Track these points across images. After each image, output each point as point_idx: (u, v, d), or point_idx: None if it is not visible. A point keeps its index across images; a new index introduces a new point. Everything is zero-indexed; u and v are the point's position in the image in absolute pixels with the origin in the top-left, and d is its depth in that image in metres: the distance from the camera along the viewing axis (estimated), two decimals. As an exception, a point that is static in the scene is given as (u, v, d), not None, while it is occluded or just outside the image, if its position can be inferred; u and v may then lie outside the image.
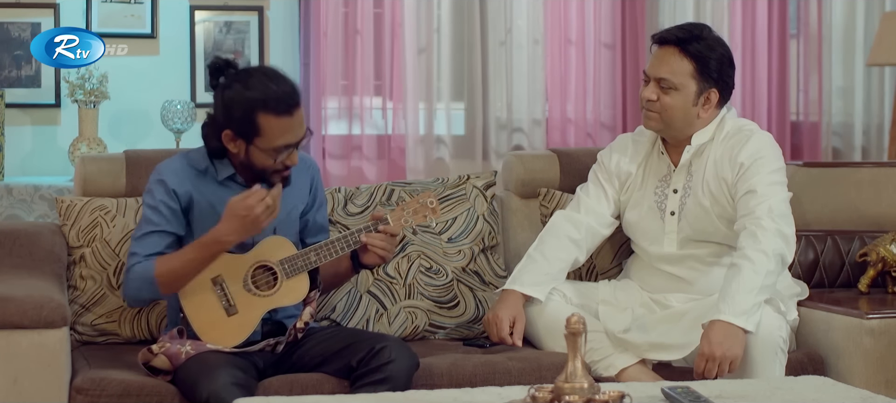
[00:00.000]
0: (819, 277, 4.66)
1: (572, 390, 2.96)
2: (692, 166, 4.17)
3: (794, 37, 6.76)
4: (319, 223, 4.09)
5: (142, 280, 3.80)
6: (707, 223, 4.13)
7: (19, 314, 3.60)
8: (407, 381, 3.72)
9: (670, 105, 4.10)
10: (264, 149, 3.76)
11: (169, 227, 3.85)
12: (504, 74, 6.41)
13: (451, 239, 4.44)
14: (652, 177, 4.25)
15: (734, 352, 3.79)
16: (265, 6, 6.15)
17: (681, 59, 4.09)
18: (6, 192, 5.50)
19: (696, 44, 4.09)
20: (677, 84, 4.08)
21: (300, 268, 3.82)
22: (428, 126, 6.31)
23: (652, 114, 4.14)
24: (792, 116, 6.73)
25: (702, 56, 4.08)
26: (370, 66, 6.23)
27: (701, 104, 4.11)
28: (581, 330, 2.96)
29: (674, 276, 4.20)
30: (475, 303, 4.37)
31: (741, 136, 4.12)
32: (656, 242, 4.21)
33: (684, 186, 4.17)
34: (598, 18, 6.46)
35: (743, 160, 4.06)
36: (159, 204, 3.86)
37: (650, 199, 4.22)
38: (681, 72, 4.09)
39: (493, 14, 6.38)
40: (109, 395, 3.65)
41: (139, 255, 3.82)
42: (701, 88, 4.09)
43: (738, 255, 3.94)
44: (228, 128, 3.78)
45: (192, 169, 3.91)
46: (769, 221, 3.96)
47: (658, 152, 4.25)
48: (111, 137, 5.89)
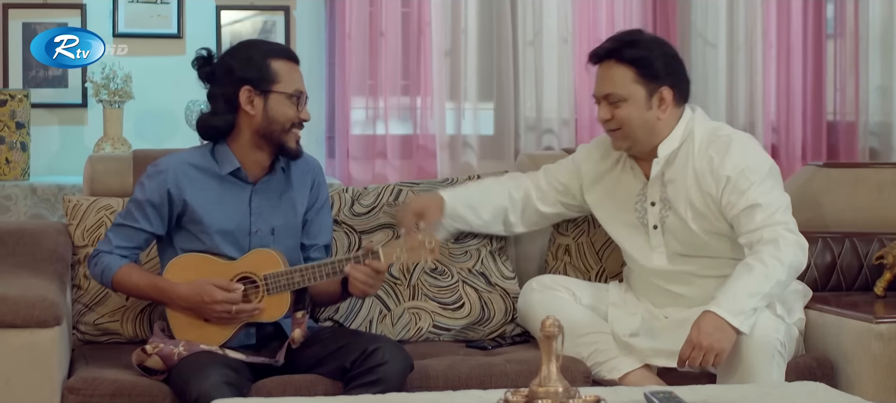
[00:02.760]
0: (836, 280, 4.58)
1: (546, 394, 2.92)
2: (665, 176, 4.04)
3: (830, 37, 6.66)
4: (320, 225, 4.06)
5: (102, 274, 3.90)
6: (693, 237, 4.03)
7: (11, 313, 3.62)
8: (400, 383, 3.70)
9: (625, 117, 3.97)
10: (284, 93, 3.84)
11: (146, 226, 3.90)
12: (533, 74, 6.36)
13: (458, 239, 4.40)
14: (626, 191, 4.13)
15: (721, 346, 3.73)
16: (292, 6, 6.15)
17: (619, 68, 3.96)
18: (30, 192, 5.54)
19: (629, 50, 3.97)
20: (624, 94, 3.95)
21: (282, 287, 3.81)
22: (455, 127, 6.28)
23: (614, 132, 4.02)
24: (828, 116, 6.63)
25: (639, 58, 3.95)
26: (396, 66, 6.20)
27: (656, 105, 3.97)
28: (555, 334, 2.93)
29: (669, 291, 4.12)
30: (480, 305, 4.33)
31: (719, 145, 3.99)
32: (646, 258, 4.12)
33: (661, 198, 4.05)
34: (628, 17, 6.39)
35: (728, 173, 3.93)
36: (145, 203, 3.89)
37: (631, 215, 4.12)
38: (623, 81, 3.96)
39: (523, 13, 6.33)
40: (102, 395, 3.65)
41: (111, 244, 3.90)
42: (650, 90, 3.96)
43: (754, 256, 3.84)
44: (247, 84, 3.84)
45: (193, 166, 3.92)
46: (787, 232, 3.87)
47: (629, 167, 4.13)
48: (137, 137, 5.91)
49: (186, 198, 3.86)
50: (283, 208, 3.95)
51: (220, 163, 3.91)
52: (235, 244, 3.89)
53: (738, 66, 6.46)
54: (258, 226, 3.91)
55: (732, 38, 6.47)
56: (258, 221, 3.91)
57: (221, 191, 3.90)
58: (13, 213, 5.50)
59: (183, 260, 3.87)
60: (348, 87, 6.13)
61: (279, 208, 3.95)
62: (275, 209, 3.94)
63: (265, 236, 3.92)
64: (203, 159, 3.93)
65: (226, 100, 3.88)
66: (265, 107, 3.85)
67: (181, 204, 3.87)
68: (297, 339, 3.83)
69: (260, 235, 3.91)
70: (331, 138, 6.18)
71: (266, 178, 3.94)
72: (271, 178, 3.95)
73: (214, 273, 3.81)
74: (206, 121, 3.93)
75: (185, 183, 3.88)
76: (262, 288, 3.80)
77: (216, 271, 3.82)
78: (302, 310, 3.89)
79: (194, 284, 3.79)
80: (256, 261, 3.83)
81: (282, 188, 3.97)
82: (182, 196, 3.86)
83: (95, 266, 3.91)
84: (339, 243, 4.31)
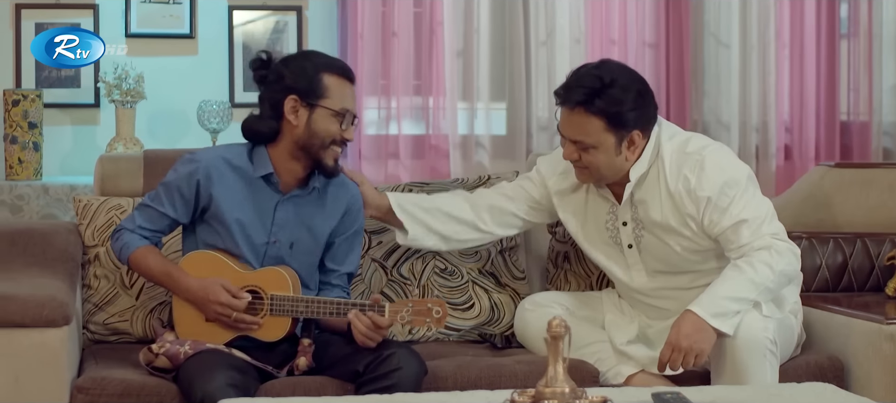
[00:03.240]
0: (847, 280, 4.58)
1: (553, 394, 2.92)
2: (635, 197, 3.99)
3: (844, 37, 6.63)
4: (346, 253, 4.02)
5: (120, 251, 3.92)
6: (672, 256, 3.98)
7: (21, 313, 3.63)
8: (415, 389, 3.67)
9: (593, 161, 3.90)
10: (330, 110, 3.81)
11: (170, 212, 3.90)
12: (545, 74, 6.35)
13: (468, 240, 4.39)
14: (596, 212, 4.09)
15: (700, 347, 3.71)
16: (304, 6, 6.14)
17: (589, 119, 3.85)
18: (43, 192, 5.54)
19: (598, 100, 3.84)
20: (594, 143, 3.87)
21: (286, 312, 3.80)
22: (468, 127, 6.27)
23: (580, 170, 3.96)
24: (842, 116, 6.60)
25: (609, 111, 3.84)
26: (408, 65, 6.19)
27: (625, 148, 3.90)
28: (562, 334, 2.92)
29: (655, 307, 4.09)
30: (490, 305, 4.33)
31: (692, 163, 3.90)
32: (626, 275, 4.08)
33: (633, 218, 4.00)
34: (640, 18, 6.37)
35: (708, 194, 3.86)
36: (174, 190, 3.90)
37: (604, 235, 4.08)
38: (593, 130, 3.86)
39: (535, 14, 6.32)
40: (110, 394, 3.66)
41: (135, 224, 3.92)
42: (619, 137, 3.87)
43: (745, 260, 3.80)
44: (294, 93, 3.82)
45: (227, 163, 3.91)
46: (778, 240, 3.83)
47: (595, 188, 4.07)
48: (149, 137, 5.91)
49: (213, 192, 3.86)
50: (306, 226, 3.93)
51: (255, 165, 3.90)
52: (252, 248, 3.88)
53: (751, 66, 6.43)
54: (277, 237, 3.90)
55: (745, 37, 6.45)
56: (278, 232, 3.90)
57: (249, 193, 3.89)
58: (26, 213, 5.51)
59: (199, 256, 3.88)
60: (361, 87, 6.12)
61: (302, 225, 3.93)
62: (298, 225, 3.92)
63: (283, 248, 3.90)
64: (239, 158, 3.92)
65: (272, 105, 3.87)
66: (309, 120, 3.83)
67: (207, 198, 3.87)
68: (302, 367, 3.83)
69: (278, 246, 3.90)
70: (343, 138, 6.17)
71: (297, 192, 3.92)
72: (302, 194, 3.93)
73: (226, 277, 3.82)
74: (251, 124, 3.93)
75: (215, 177, 3.88)
76: (266, 306, 3.80)
77: (228, 276, 3.82)
78: (308, 339, 3.87)
79: (205, 280, 3.80)
80: (268, 279, 3.82)
81: (311, 207, 3.94)
82: (210, 189, 3.86)
83: (116, 240, 3.92)
84: (349, 243, 4.31)
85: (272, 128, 3.87)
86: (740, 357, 3.73)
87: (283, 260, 3.89)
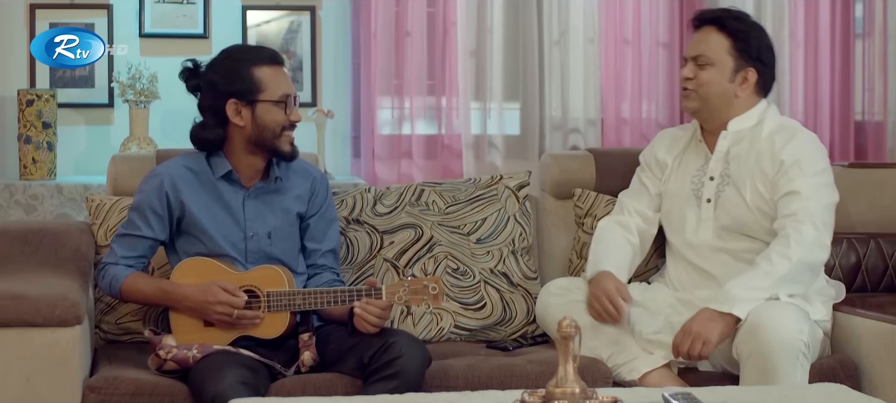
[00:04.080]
0: (861, 281, 4.55)
1: (563, 394, 2.92)
2: (730, 154, 4.14)
3: (858, 36, 6.61)
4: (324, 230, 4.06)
5: (110, 286, 3.93)
6: (745, 214, 4.09)
7: (32, 312, 3.63)
8: (418, 376, 3.69)
9: (707, 81, 4.11)
10: (271, 101, 3.85)
11: (149, 233, 3.93)
12: (559, 74, 6.34)
13: (480, 239, 4.39)
14: (689, 166, 4.23)
15: (707, 335, 3.84)
16: (317, 6, 6.14)
17: (717, 35, 4.12)
18: (57, 191, 5.55)
19: (734, 22, 4.13)
20: (713, 58, 4.10)
21: (283, 307, 3.81)
22: (481, 126, 6.27)
23: (689, 92, 4.14)
24: (856, 116, 6.59)
25: (740, 33, 4.13)
26: (422, 65, 6.19)
27: (738, 82, 4.11)
28: (573, 334, 2.92)
29: (703, 271, 4.14)
30: (502, 305, 4.33)
31: (785, 134, 4.10)
32: (691, 230, 4.17)
33: (722, 174, 4.14)
34: (654, 17, 6.36)
35: (784, 158, 4.04)
36: (146, 209, 3.93)
37: (686, 187, 4.20)
38: (717, 47, 4.11)
39: (548, 13, 6.31)
40: (122, 394, 3.67)
41: (117, 256, 3.93)
42: (738, 65, 4.11)
43: (763, 255, 3.95)
44: (232, 97, 3.86)
45: (189, 170, 3.96)
46: (811, 228, 3.94)
47: (696, 140, 4.23)
48: (163, 137, 5.92)
49: (183, 200, 3.91)
50: (277, 212, 3.97)
51: (214, 168, 3.94)
52: (234, 247, 3.91)
53: (766, 66, 6.42)
54: (254, 230, 3.95)
55: (760, 37, 6.43)
56: (254, 225, 3.94)
57: (216, 195, 3.94)
58: (39, 213, 5.52)
59: (191, 264, 3.90)
60: (374, 87, 6.12)
61: (274, 212, 3.97)
62: (270, 213, 3.96)
63: (262, 240, 3.94)
64: (198, 163, 3.97)
65: (214, 112, 3.91)
66: (253, 117, 3.87)
67: (180, 207, 3.91)
68: (307, 362, 3.83)
69: (257, 239, 3.94)
70: (356, 138, 6.17)
71: (260, 184, 3.97)
72: (265, 185, 3.98)
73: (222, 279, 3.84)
74: (198, 134, 3.97)
75: (181, 185, 3.92)
76: (263, 304, 3.80)
77: (222, 278, 3.84)
78: (307, 332, 3.88)
79: (200, 284, 3.82)
80: (262, 277, 3.84)
81: (277, 195, 3.99)
82: (179, 198, 3.90)
83: (103, 278, 3.94)
84: (361, 243, 4.32)
85: (219, 134, 3.93)
86: (775, 358, 3.74)
87: (266, 252, 3.93)
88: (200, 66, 3.96)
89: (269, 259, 3.94)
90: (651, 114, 6.42)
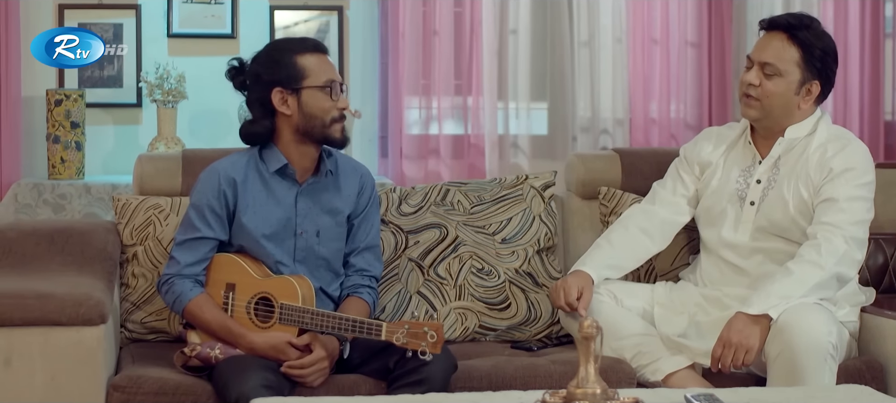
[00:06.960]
0: (888, 282, 4.53)
1: (584, 395, 2.90)
2: (780, 160, 4.10)
3: (888, 36, 6.58)
4: (367, 230, 4.06)
5: (174, 303, 3.89)
6: (785, 217, 4.05)
7: (58, 311, 3.65)
8: (444, 383, 3.68)
9: (772, 91, 4.04)
10: (316, 87, 3.85)
11: (211, 233, 3.90)
12: (588, 74, 6.34)
13: (505, 239, 4.39)
14: (734, 166, 4.19)
15: (750, 343, 3.78)
16: (345, 6, 6.16)
17: (788, 45, 4.03)
18: (85, 191, 5.59)
19: (804, 31, 4.03)
20: (782, 70, 4.03)
21: (294, 322, 3.78)
22: (508, 126, 6.27)
23: (752, 100, 4.08)
24: (886, 116, 6.57)
25: (809, 44, 4.02)
26: (449, 65, 6.20)
27: (802, 95, 4.06)
28: (594, 335, 2.90)
29: (736, 267, 4.12)
30: (527, 305, 4.32)
31: (838, 143, 4.06)
32: (729, 229, 4.13)
33: (769, 178, 4.10)
34: (682, 17, 6.36)
35: (833, 166, 4.00)
36: (205, 208, 3.90)
37: (730, 187, 4.16)
38: (787, 58, 4.03)
39: (577, 13, 6.31)
40: (146, 393, 3.67)
41: (180, 264, 3.88)
42: (804, 78, 4.04)
43: (795, 261, 3.90)
44: (277, 85, 3.86)
45: (243, 166, 3.94)
46: (841, 242, 3.91)
47: (745, 142, 4.19)
48: (191, 136, 5.95)
49: (238, 195, 3.90)
50: (328, 211, 3.96)
51: (268, 162, 3.93)
52: (280, 245, 3.90)
53: (794, 66, 6.39)
54: (304, 228, 3.93)
55: (789, 37, 6.40)
56: (304, 223, 3.93)
57: (269, 191, 3.92)
58: (68, 212, 5.56)
59: (218, 260, 3.92)
60: (402, 87, 6.13)
61: (323, 211, 3.96)
62: (320, 212, 3.95)
63: (310, 238, 3.93)
64: (251, 160, 3.95)
65: (261, 105, 3.91)
66: (300, 104, 3.87)
67: (234, 202, 3.89)
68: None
69: (305, 236, 3.93)
70: (383, 138, 6.19)
71: (312, 180, 3.96)
72: (318, 180, 3.96)
73: (245, 281, 3.85)
74: (248, 129, 3.97)
75: (238, 180, 3.91)
76: (276, 315, 3.81)
77: (247, 280, 3.86)
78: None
79: (269, 338, 3.77)
80: (282, 286, 3.83)
81: (328, 191, 3.98)
82: (235, 193, 3.90)
83: (166, 292, 3.90)
84: (386, 243, 4.31)
85: (267, 126, 3.92)
86: (803, 359, 3.72)
87: (313, 251, 3.93)
88: (246, 64, 3.96)
89: (317, 258, 3.94)
90: (679, 113, 6.41)
